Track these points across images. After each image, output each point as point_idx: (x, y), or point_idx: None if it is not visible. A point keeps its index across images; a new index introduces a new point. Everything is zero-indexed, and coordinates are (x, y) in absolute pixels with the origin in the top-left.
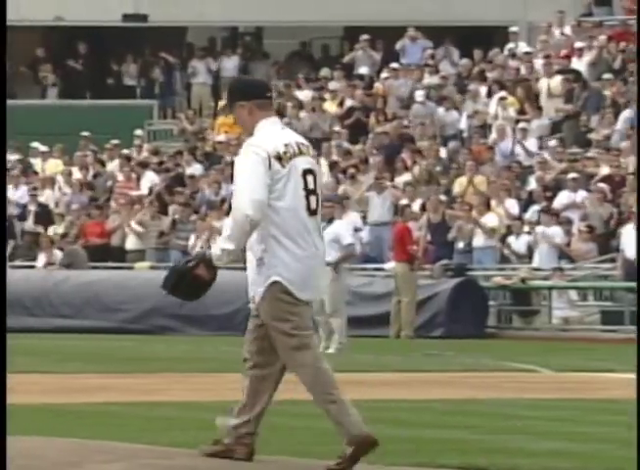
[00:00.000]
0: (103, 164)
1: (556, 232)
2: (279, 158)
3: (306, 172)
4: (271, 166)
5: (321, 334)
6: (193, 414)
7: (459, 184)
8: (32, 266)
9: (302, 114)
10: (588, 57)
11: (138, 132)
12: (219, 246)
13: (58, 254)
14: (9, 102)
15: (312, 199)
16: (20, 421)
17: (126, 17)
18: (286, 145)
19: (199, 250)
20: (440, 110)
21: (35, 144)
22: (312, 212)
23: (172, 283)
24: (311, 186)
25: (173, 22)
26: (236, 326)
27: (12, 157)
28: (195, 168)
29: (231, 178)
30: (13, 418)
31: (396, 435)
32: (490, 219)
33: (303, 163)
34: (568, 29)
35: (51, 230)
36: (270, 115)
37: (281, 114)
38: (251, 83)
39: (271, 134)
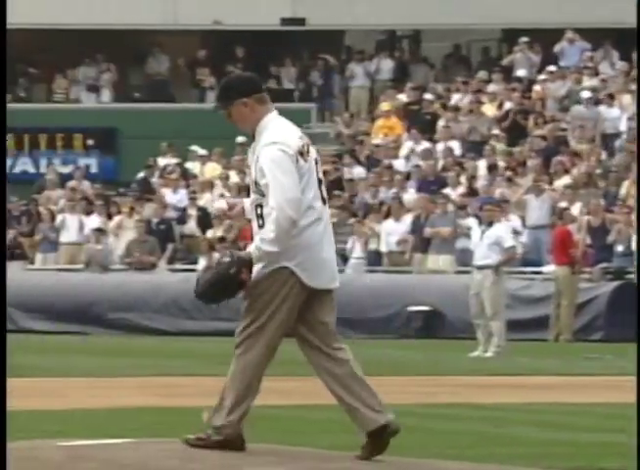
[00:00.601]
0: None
1: None
2: (301, 153)
3: (316, 162)
4: (297, 162)
5: (479, 337)
6: None
7: (625, 187)
8: (192, 270)
9: (460, 117)
10: None
11: None
12: (262, 248)
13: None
14: (168, 105)
15: (322, 188)
16: (181, 423)
17: (284, 20)
18: (300, 138)
19: (231, 253)
20: (602, 109)
21: (194, 147)
22: (324, 202)
23: (215, 292)
24: (320, 175)
25: (331, 25)
26: (393, 329)
27: (170, 160)
28: (353, 172)
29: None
30: (175, 421)
31: (555, 438)
32: None
33: (313, 152)
34: None
35: (210, 233)
36: (269, 108)
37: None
38: (248, 79)
39: (285, 129)
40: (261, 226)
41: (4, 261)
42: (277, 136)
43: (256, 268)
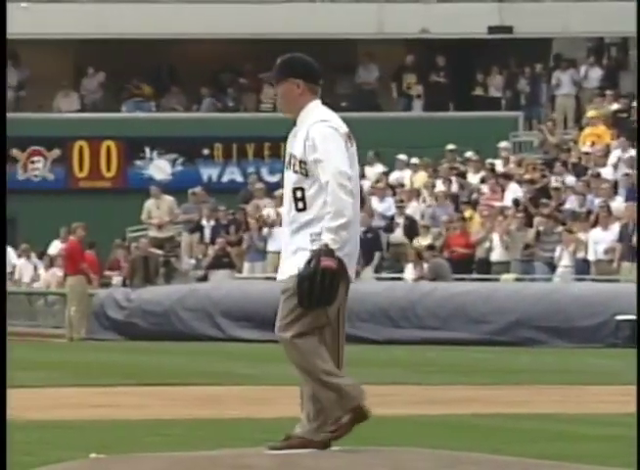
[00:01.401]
0: (464, 175)
1: None
2: (348, 136)
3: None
4: (345, 143)
5: None
6: (559, 426)
7: None
8: (399, 278)
9: None
10: None
11: (503, 144)
12: (330, 227)
13: (424, 266)
14: (374, 114)
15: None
16: (387, 431)
17: (492, 29)
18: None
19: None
20: None
21: (402, 156)
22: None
23: (308, 291)
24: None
25: (538, 33)
26: (601, 338)
27: (377, 169)
28: (565, 180)
29: (296, 166)
30: (380, 429)
31: None
32: None
33: (354, 147)
34: None
35: (417, 242)
36: (317, 99)
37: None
38: (310, 65)
39: (332, 114)
40: (302, 209)
41: (4, 262)
42: (326, 116)
43: (338, 252)
